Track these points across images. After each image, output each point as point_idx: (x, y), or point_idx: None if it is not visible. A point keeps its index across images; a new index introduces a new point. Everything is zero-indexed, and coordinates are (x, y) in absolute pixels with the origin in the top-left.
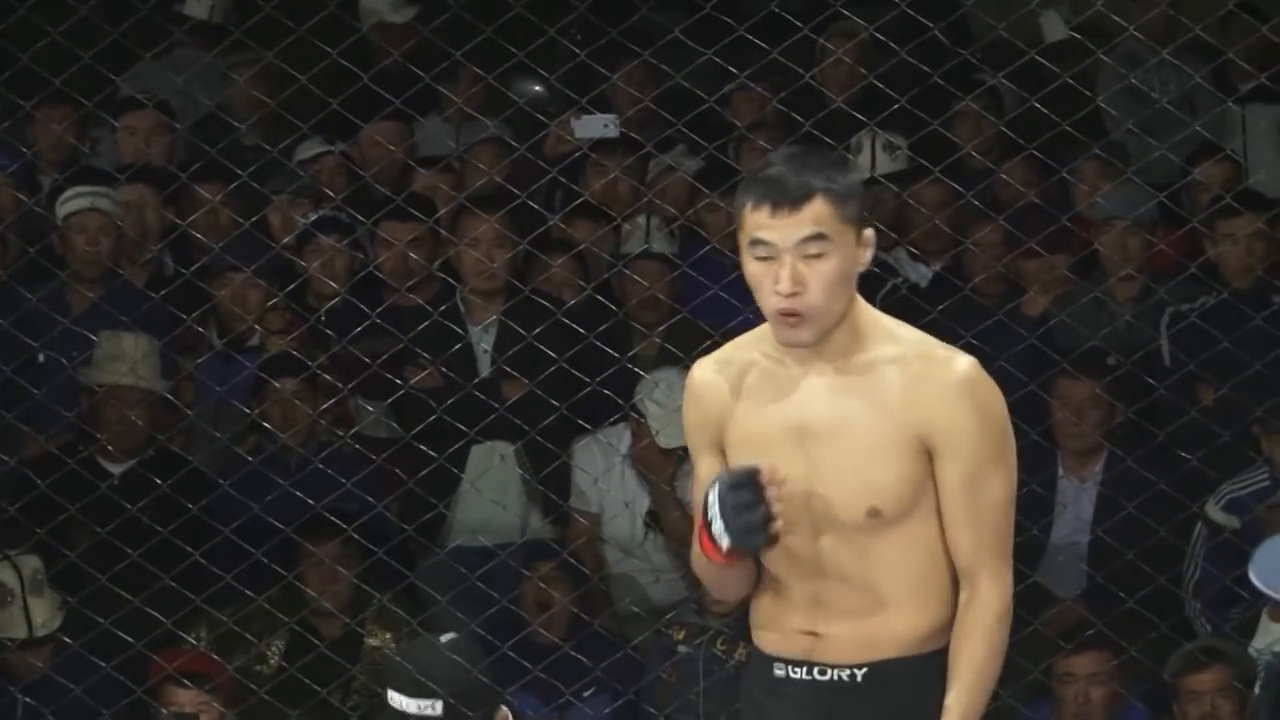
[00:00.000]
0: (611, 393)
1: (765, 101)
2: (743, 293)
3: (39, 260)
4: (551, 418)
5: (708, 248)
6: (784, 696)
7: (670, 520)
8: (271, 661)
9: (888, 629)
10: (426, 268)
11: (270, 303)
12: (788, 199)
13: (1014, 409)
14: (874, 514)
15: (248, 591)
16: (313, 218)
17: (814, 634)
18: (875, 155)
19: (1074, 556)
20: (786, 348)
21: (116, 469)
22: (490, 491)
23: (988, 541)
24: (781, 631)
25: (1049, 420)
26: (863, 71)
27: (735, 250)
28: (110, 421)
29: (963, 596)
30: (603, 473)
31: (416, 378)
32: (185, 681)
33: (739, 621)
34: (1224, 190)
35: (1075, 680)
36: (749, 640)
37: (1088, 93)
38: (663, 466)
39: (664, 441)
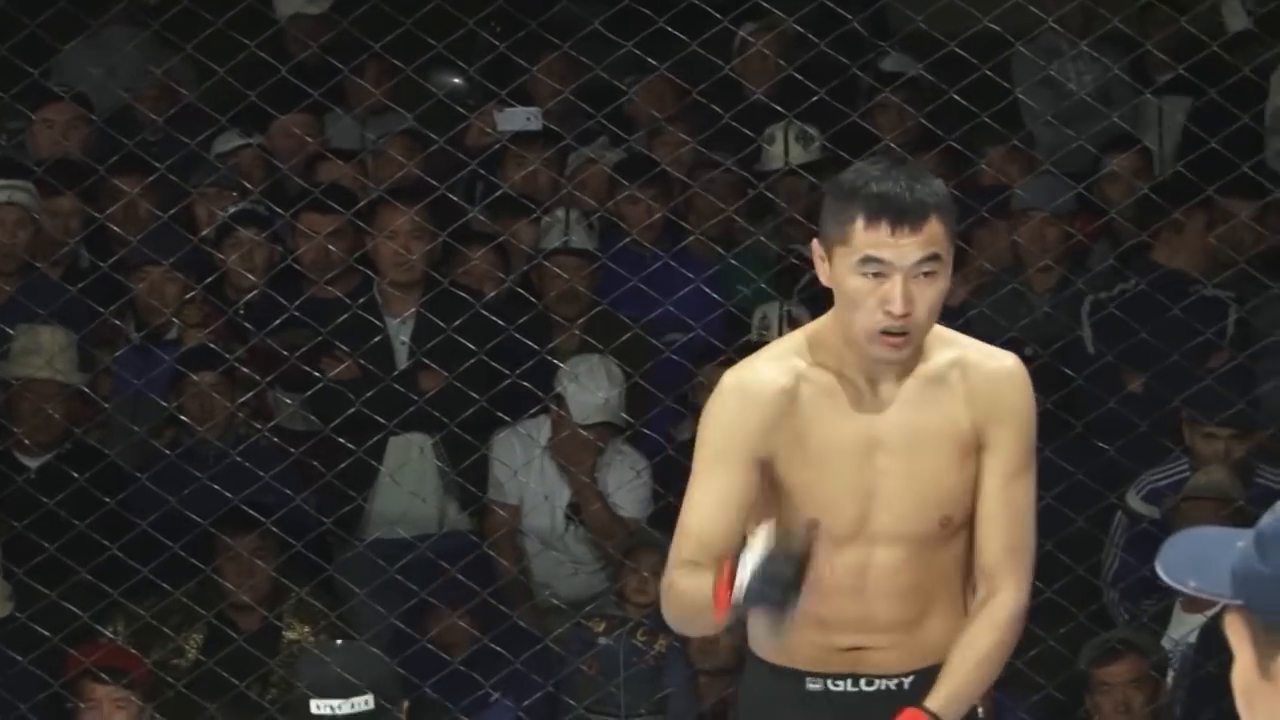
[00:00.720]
0: (531, 385)
1: (682, 93)
2: (661, 285)
3: None
4: (470, 410)
5: (627, 240)
6: (822, 710)
7: (590, 512)
8: (189, 655)
9: (932, 637)
10: (345, 260)
11: (188, 295)
12: (908, 219)
13: None
14: (946, 523)
15: (165, 585)
16: (231, 210)
17: (859, 648)
18: (789, 146)
19: None
20: (859, 361)
21: (33, 463)
22: (408, 484)
23: (1013, 544)
24: (813, 648)
25: None
26: (781, 64)
27: (655, 242)
28: (26, 415)
29: (980, 593)
30: (522, 464)
31: (334, 370)
32: (103, 676)
33: (660, 613)
34: (1135, 180)
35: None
36: (668, 631)
37: (1005, 84)
38: (583, 458)
39: (579, 417)
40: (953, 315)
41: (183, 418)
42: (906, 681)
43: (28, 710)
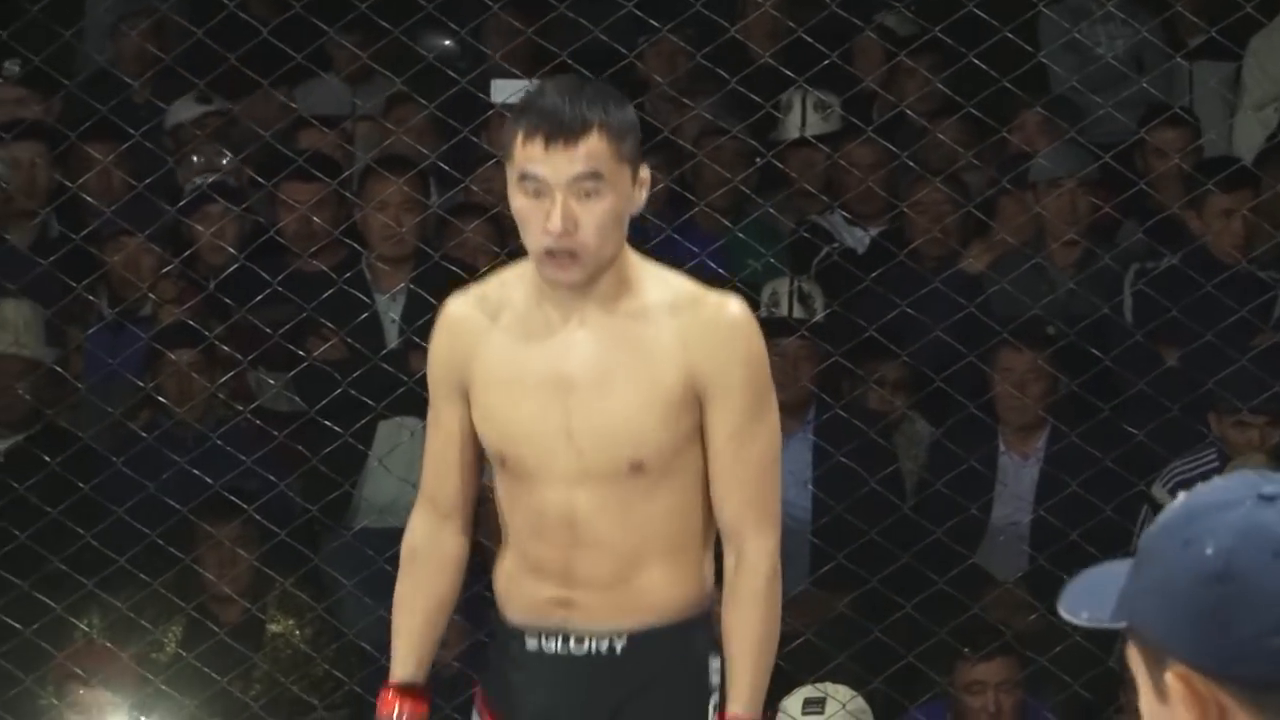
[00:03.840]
0: None
1: (687, 56)
2: (665, 258)
3: None
4: None
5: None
6: (538, 672)
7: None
8: (168, 649)
9: (645, 597)
10: (330, 232)
11: (164, 269)
12: (562, 132)
13: (953, 381)
14: (636, 467)
15: (142, 575)
16: (197, 183)
17: (567, 603)
18: (806, 114)
19: (1015, 537)
20: (552, 289)
21: (0, 445)
22: (399, 470)
23: (754, 498)
24: (530, 600)
25: (988, 393)
26: (791, 25)
27: (659, 213)
28: None
29: (728, 560)
30: None
31: (319, 349)
32: (81, 674)
33: None
34: (1178, 155)
35: (985, 689)
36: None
37: (1029, 48)
38: None
39: None
40: (970, 290)
41: (159, 398)
42: (619, 645)
43: None
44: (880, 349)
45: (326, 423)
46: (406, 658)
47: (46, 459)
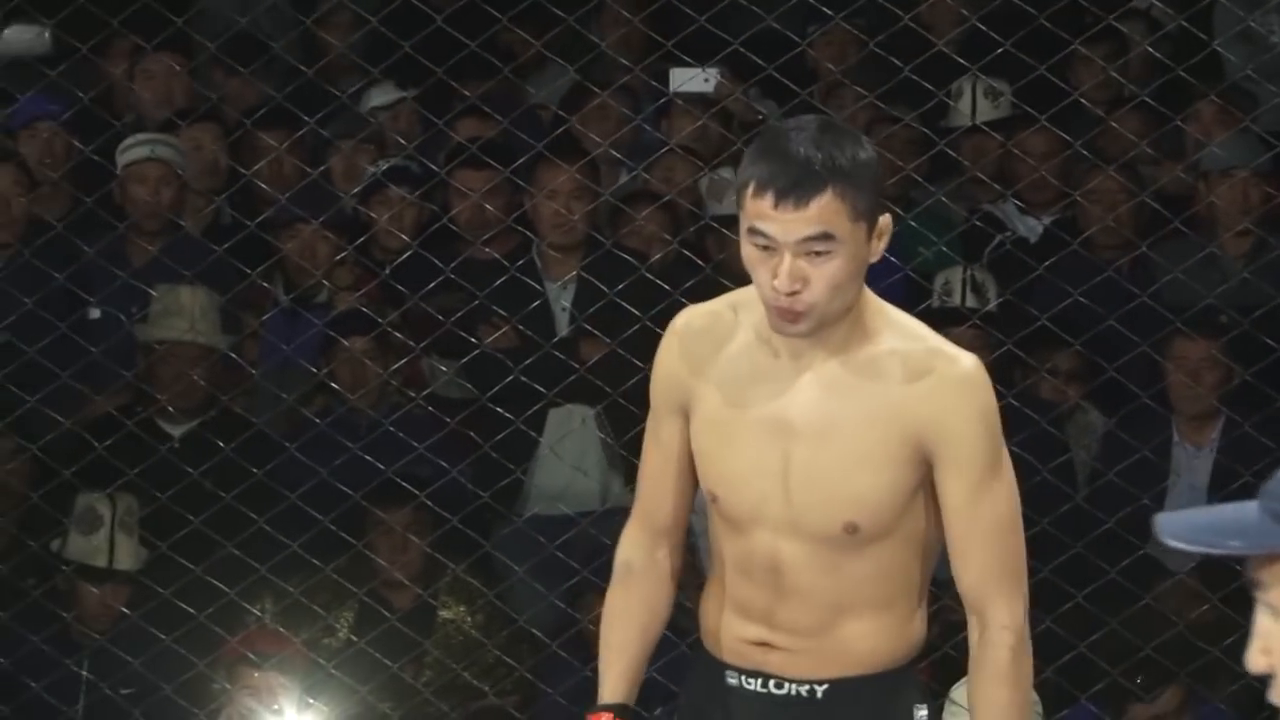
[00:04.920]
0: None
1: (859, 44)
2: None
3: (96, 211)
4: (635, 379)
5: None
6: (734, 708)
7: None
8: (340, 634)
9: (848, 650)
10: (503, 220)
11: (339, 256)
12: (793, 193)
13: (1126, 370)
14: (851, 530)
15: (315, 561)
16: (382, 166)
17: (767, 645)
18: (976, 101)
19: None
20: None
21: (176, 430)
22: (570, 457)
23: (997, 563)
24: (733, 638)
25: (1162, 382)
26: (964, 13)
27: None
28: (168, 380)
29: (972, 631)
30: None
31: (491, 337)
32: (253, 657)
33: None
34: None
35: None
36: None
37: (1203, 36)
38: None
39: None
40: (1141, 279)
41: (333, 385)
42: (820, 690)
43: (173, 691)
44: (1053, 338)
45: (498, 409)
46: (620, 678)
47: (221, 445)
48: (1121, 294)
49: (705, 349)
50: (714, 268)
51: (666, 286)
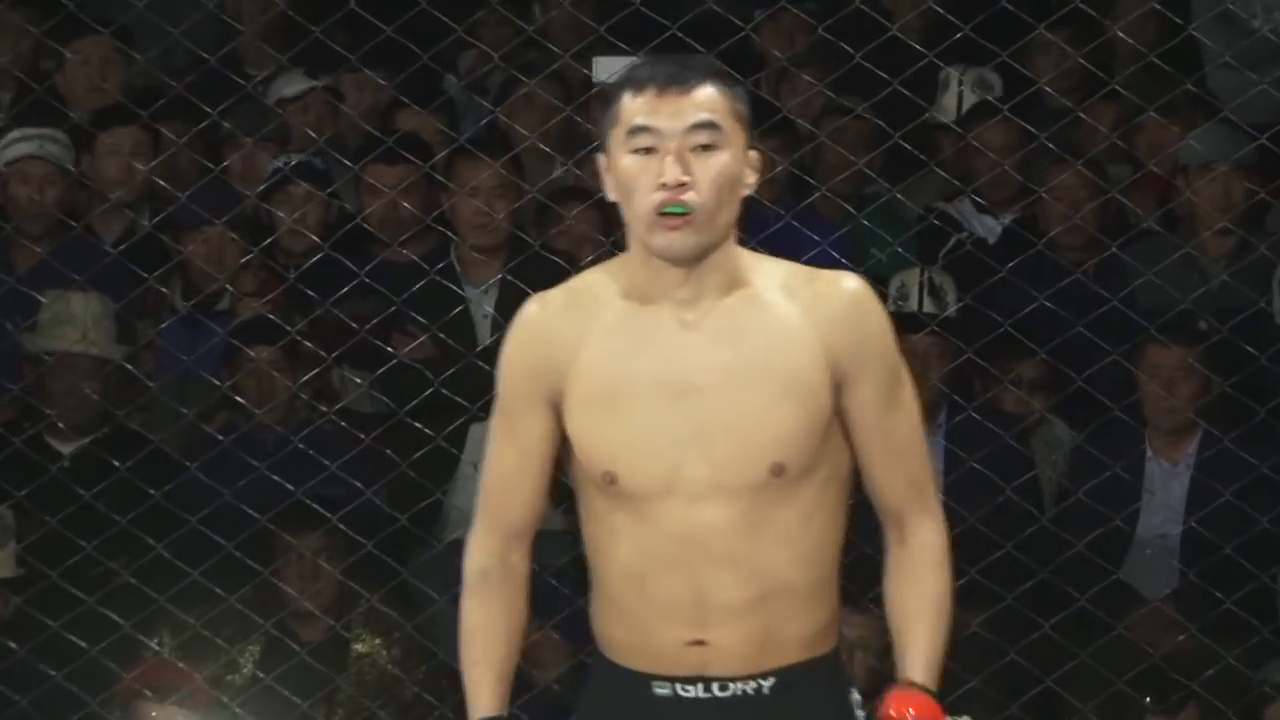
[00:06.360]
0: None
1: (808, 30)
2: (785, 247)
3: None
4: None
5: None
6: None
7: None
8: (245, 669)
9: (786, 629)
10: (420, 219)
11: (243, 259)
12: (676, 82)
13: (1095, 381)
14: (778, 471)
15: (218, 589)
16: (282, 162)
17: (701, 642)
18: (963, 96)
19: (1164, 550)
20: (655, 283)
21: (66, 448)
22: None
23: (914, 473)
24: (656, 644)
25: (1135, 394)
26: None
27: (776, 199)
28: (59, 394)
29: (891, 540)
30: None
31: (408, 346)
32: (149, 694)
33: None
34: None
35: None
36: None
37: (1179, 21)
38: None
39: None
40: (1112, 283)
41: (237, 399)
42: (766, 685)
43: None
44: (1016, 346)
45: (416, 425)
46: (494, 689)
47: (116, 464)
48: (1091, 298)
49: (570, 330)
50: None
51: None
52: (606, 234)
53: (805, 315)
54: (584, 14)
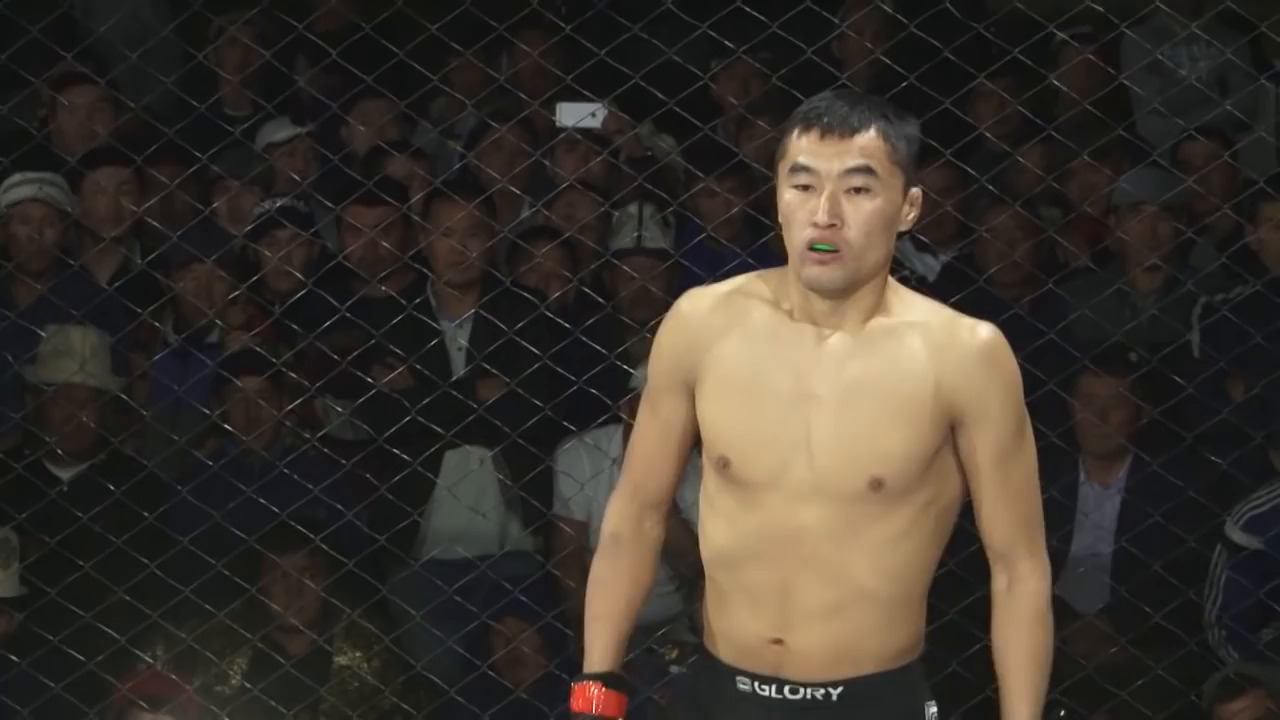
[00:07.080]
0: (600, 393)
1: (762, 78)
2: None
3: None
4: (534, 420)
5: (703, 235)
6: (747, 715)
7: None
8: (233, 681)
9: (864, 642)
10: (398, 257)
11: (231, 295)
12: (839, 126)
13: (1033, 409)
14: (876, 485)
15: (208, 606)
16: (266, 206)
17: (780, 642)
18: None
19: (1096, 568)
20: (804, 300)
21: (65, 474)
22: (467, 499)
23: (1025, 519)
24: (743, 639)
25: (1070, 421)
26: (869, 46)
27: (733, 239)
28: (58, 423)
29: (999, 583)
30: (590, 478)
31: (386, 377)
32: (143, 704)
33: None
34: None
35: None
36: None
37: (1111, 70)
38: None
39: None
40: (1050, 318)
41: (226, 426)
42: (835, 692)
43: None
44: None
45: (394, 451)
46: (606, 647)
47: (111, 488)
48: (1028, 331)
49: (717, 321)
50: (614, 306)
51: (566, 325)
52: (574, 271)
53: (934, 352)
54: (550, 63)
